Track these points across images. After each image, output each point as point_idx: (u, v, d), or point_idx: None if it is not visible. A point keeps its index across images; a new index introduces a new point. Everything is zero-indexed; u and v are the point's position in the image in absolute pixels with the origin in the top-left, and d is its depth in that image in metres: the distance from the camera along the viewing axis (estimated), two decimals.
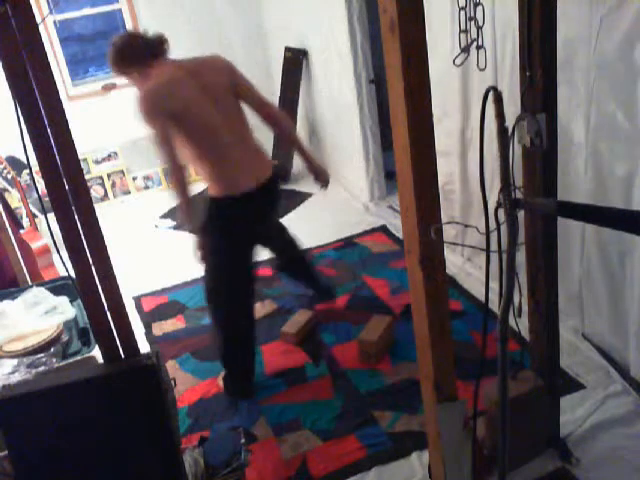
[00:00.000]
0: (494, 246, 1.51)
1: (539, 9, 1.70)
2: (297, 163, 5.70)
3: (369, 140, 4.72)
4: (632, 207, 2.28)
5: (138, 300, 3.89)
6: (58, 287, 2.75)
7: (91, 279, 1.68)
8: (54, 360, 2.22)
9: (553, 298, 2.11)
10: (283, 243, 3.28)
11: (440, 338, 1.73)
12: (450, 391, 1.82)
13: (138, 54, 2.50)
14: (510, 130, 1.48)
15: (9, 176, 4.14)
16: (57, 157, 1.55)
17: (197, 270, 2.90)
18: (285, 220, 4.70)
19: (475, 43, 1.68)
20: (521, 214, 1.55)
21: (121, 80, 5.83)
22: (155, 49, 2.54)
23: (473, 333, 3.05)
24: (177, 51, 6.34)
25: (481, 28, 1.66)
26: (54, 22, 5.54)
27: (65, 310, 2.47)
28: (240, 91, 2.61)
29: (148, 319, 3.65)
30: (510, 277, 1.52)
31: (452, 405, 1.82)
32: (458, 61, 1.70)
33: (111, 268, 1.70)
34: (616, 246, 2.46)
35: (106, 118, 5.78)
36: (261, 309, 3.46)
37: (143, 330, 3.53)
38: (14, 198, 4.90)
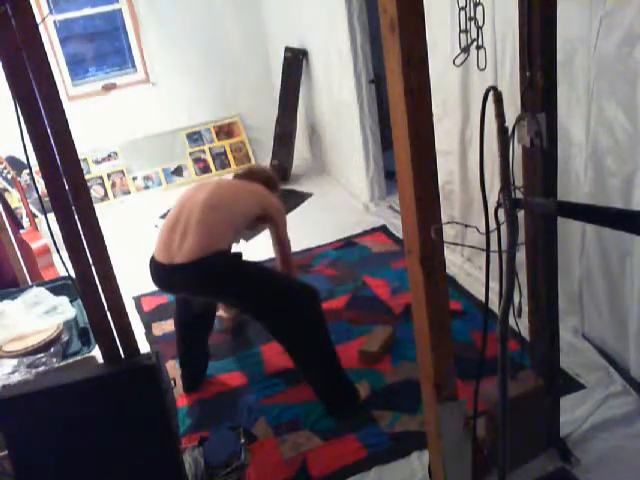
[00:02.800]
0: (494, 246, 1.51)
1: (539, 9, 1.70)
2: (297, 163, 5.71)
3: (369, 140, 4.72)
4: (632, 207, 2.28)
5: (138, 300, 3.89)
6: (58, 287, 2.75)
7: (91, 279, 1.68)
8: (54, 360, 2.22)
9: (553, 298, 2.10)
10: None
11: (440, 338, 1.73)
12: (450, 391, 1.81)
13: None
14: (510, 130, 1.48)
15: (9, 176, 4.14)
16: (57, 157, 1.55)
17: None
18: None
19: (475, 43, 1.68)
20: (521, 214, 1.55)
21: (121, 80, 5.89)
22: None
23: (473, 333, 3.04)
24: (177, 51, 6.34)
25: (481, 28, 1.66)
26: (54, 22, 5.53)
27: (65, 310, 2.47)
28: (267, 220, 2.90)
29: (148, 319, 3.65)
30: (510, 277, 1.52)
31: (452, 405, 1.82)
32: (458, 61, 1.70)
33: (111, 268, 1.70)
34: (616, 246, 2.46)
35: (106, 118, 5.78)
36: None
37: (143, 330, 3.53)
38: (14, 198, 4.90)
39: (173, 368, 3.09)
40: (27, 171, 5.06)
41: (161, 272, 2.64)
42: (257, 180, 2.94)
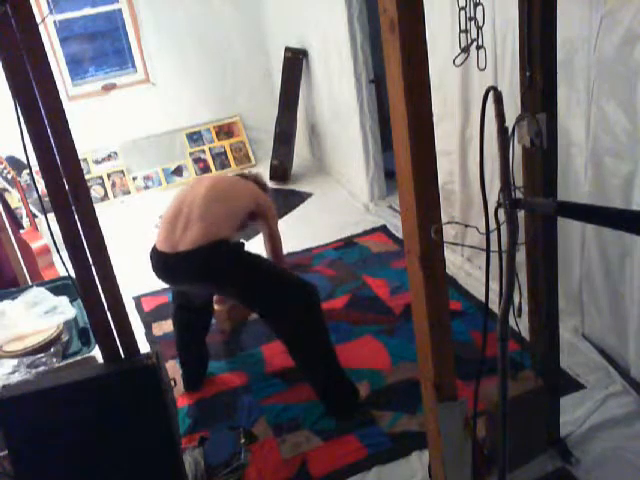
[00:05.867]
0: (494, 246, 1.51)
1: (539, 9, 1.70)
2: (297, 163, 5.71)
3: (369, 140, 4.72)
4: (632, 207, 2.28)
5: (138, 300, 3.89)
6: (58, 287, 2.75)
7: (91, 279, 1.68)
8: (54, 360, 2.22)
9: (553, 298, 2.10)
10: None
11: (440, 338, 1.73)
12: (450, 391, 1.81)
13: None
14: (510, 130, 1.48)
15: (9, 176, 4.14)
16: (57, 157, 1.55)
17: None
18: (285, 220, 4.70)
19: (475, 43, 1.68)
20: (521, 214, 1.55)
21: (121, 80, 5.90)
22: None
23: (473, 333, 3.04)
24: (177, 51, 6.33)
25: (481, 28, 1.66)
26: (54, 22, 5.54)
27: (65, 310, 2.47)
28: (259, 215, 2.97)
29: (148, 319, 3.65)
30: (510, 277, 1.52)
31: (452, 405, 1.82)
32: (458, 61, 1.70)
33: (111, 268, 1.70)
34: (616, 246, 2.46)
35: (106, 118, 5.79)
36: None
37: (143, 330, 3.53)
38: (14, 198, 4.90)
39: (173, 368, 3.09)
40: (27, 171, 5.06)
41: (164, 261, 2.66)
42: (249, 180, 3.13)
